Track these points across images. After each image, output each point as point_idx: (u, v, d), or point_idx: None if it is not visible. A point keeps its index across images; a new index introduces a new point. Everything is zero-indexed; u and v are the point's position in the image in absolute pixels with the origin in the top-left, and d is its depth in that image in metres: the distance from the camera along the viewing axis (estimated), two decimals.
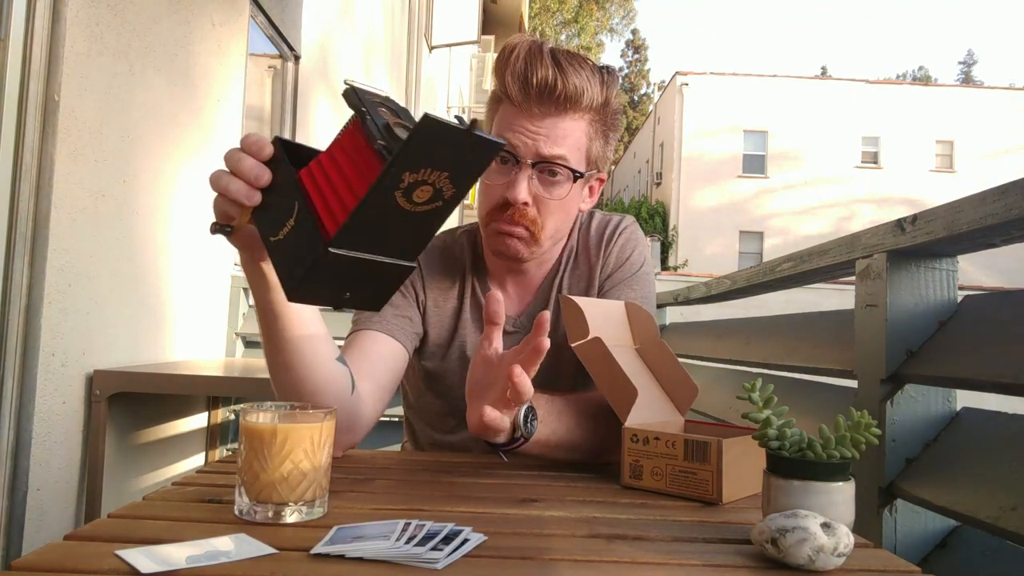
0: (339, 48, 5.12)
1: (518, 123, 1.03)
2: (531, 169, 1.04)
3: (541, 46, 1.04)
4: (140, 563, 0.55)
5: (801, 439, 0.71)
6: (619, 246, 1.19)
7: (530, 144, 1.03)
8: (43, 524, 1.98)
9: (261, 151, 0.72)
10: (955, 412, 1.12)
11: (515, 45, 1.04)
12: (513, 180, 1.04)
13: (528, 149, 1.03)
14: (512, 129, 1.04)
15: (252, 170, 0.72)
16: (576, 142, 1.05)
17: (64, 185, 1.97)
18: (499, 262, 1.16)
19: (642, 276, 1.18)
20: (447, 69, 11.47)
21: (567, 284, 1.18)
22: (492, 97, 1.10)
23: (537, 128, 1.03)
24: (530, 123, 1.03)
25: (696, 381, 1.01)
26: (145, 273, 2.46)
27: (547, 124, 1.03)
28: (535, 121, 1.03)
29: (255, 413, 0.70)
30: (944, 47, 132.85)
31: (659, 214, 23.57)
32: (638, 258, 1.19)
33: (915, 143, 22.78)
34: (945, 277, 1.15)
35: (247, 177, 0.72)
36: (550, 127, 1.03)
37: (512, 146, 1.03)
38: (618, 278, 1.17)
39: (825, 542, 0.60)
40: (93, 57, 2.08)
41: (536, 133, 1.03)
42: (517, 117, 1.04)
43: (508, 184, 1.04)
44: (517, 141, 1.03)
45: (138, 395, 2.36)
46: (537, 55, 1.03)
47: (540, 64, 1.02)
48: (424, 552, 0.59)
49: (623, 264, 1.18)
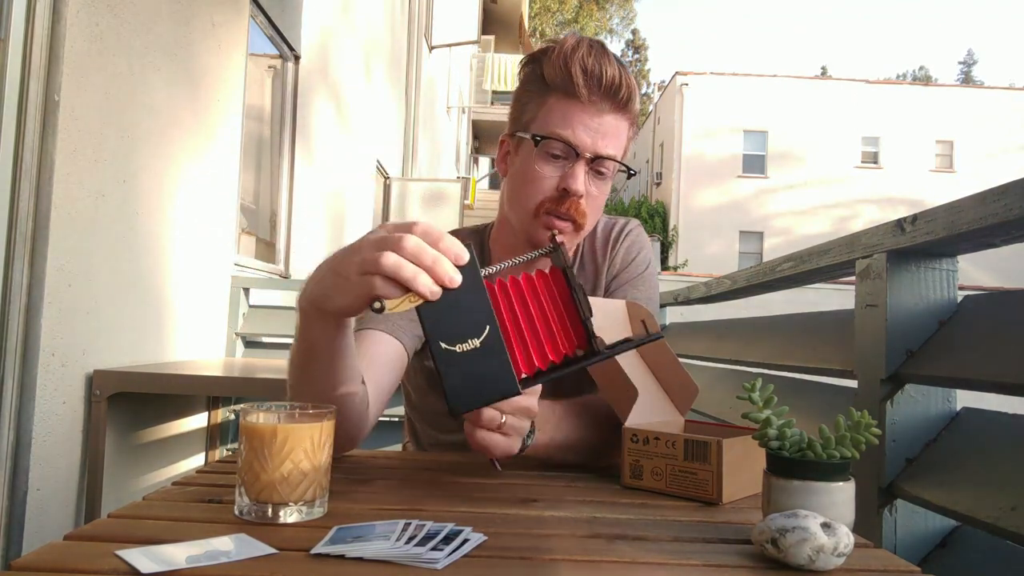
0: (339, 48, 5.12)
1: (579, 118, 1.04)
2: (587, 164, 1.06)
3: (603, 45, 1.06)
4: (140, 563, 0.55)
5: (801, 439, 0.71)
6: (625, 248, 1.20)
7: (590, 140, 1.05)
8: (43, 524, 1.98)
9: (459, 258, 0.69)
10: (955, 412, 1.12)
11: (579, 40, 1.06)
12: (573, 173, 1.05)
13: (588, 144, 1.05)
14: (572, 123, 1.04)
15: (448, 273, 0.68)
16: (623, 141, 1.09)
17: (64, 185, 1.97)
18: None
19: (647, 277, 1.20)
20: (447, 69, 11.47)
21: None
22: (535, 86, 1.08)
23: (599, 124, 1.05)
24: (592, 118, 1.04)
25: (696, 381, 1.01)
26: (145, 273, 2.46)
27: (607, 121, 1.05)
28: (597, 117, 1.05)
29: (255, 413, 0.70)
30: (944, 47, 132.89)
31: (659, 214, 23.57)
32: (643, 260, 1.20)
33: (915, 143, 22.77)
34: (945, 277, 1.15)
35: (440, 278, 0.68)
36: (608, 124, 1.05)
37: (573, 140, 1.04)
38: (623, 279, 1.19)
39: (825, 542, 0.60)
40: (93, 57, 2.08)
41: (597, 129, 1.05)
42: (578, 112, 1.05)
43: (566, 176, 1.05)
44: (579, 135, 1.04)
45: (138, 395, 2.36)
46: (604, 53, 1.05)
47: (608, 62, 1.04)
48: (424, 552, 0.59)
49: (628, 265, 1.19)
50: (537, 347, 0.73)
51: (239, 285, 3.24)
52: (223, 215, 3.13)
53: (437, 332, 0.69)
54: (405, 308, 0.68)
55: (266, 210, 4.06)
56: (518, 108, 1.11)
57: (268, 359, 3.23)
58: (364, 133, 6.04)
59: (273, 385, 2.20)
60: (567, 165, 1.05)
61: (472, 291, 0.70)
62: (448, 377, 0.69)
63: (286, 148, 4.12)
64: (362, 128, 5.94)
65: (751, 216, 22.98)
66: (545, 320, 0.74)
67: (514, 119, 1.12)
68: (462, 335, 0.69)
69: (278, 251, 4.10)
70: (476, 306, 0.70)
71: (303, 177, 4.32)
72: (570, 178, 1.04)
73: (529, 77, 1.10)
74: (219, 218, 3.09)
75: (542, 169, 1.06)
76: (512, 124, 1.13)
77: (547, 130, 1.05)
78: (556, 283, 0.75)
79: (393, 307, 0.68)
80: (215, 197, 3.04)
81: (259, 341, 3.38)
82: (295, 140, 4.16)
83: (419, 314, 0.69)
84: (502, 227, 1.19)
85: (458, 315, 0.70)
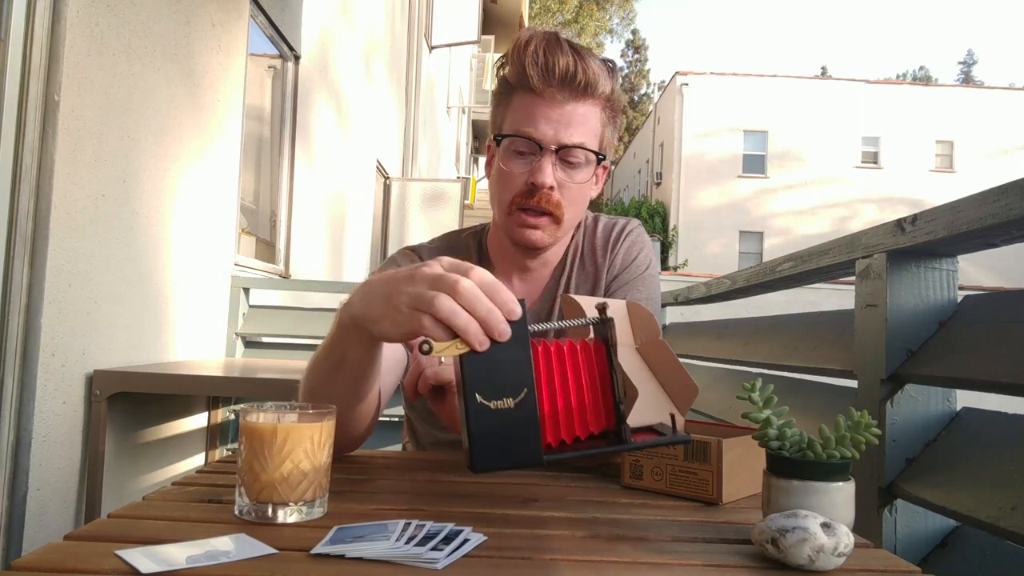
0: (339, 48, 5.12)
1: (539, 111, 1.05)
2: (554, 155, 1.06)
3: (557, 36, 1.06)
4: (140, 563, 0.55)
5: (801, 439, 0.71)
6: (625, 248, 1.20)
7: (552, 131, 1.05)
8: (43, 524, 1.98)
9: (512, 313, 0.69)
10: (955, 412, 1.12)
11: (531, 35, 1.06)
12: (539, 166, 1.05)
13: (551, 136, 1.05)
14: (533, 117, 1.05)
15: (499, 327, 0.67)
16: (592, 128, 1.08)
17: (64, 185, 1.97)
18: (506, 262, 1.18)
19: (647, 277, 1.20)
20: (447, 69, 11.47)
21: (574, 284, 1.19)
22: (502, 88, 1.11)
23: (560, 115, 1.05)
24: (552, 110, 1.05)
25: (696, 381, 1.01)
26: (145, 273, 2.46)
27: (568, 110, 1.05)
28: (557, 108, 1.05)
29: (255, 413, 0.70)
30: (944, 47, 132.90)
31: (659, 214, 23.57)
32: (644, 260, 1.20)
33: (915, 143, 22.77)
34: (945, 277, 1.15)
35: (491, 330, 0.67)
36: (571, 113, 1.05)
37: (535, 135, 1.05)
38: (624, 279, 1.18)
39: (825, 542, 0.60)
40: (93, 57, 2.08)
41: (559, 120, 1.05)
42: (538, 105, 1.05)
43: (533, 170, 1.06)
44: (540, 129, 1.05)
45: (138, 395, 2.36)
46: (556, 44, 1.05)
47: (560, 52, 1.04)
48: (424, 552, 0.59)
49: (629, 265, 1.19)
50: (566, 418, 0.73)
51: (239, 285, 3.24)
52: (223, 215, 3.13)
53: (474, 384, 0.69)
54: (451, 354, 0.68)
55: (266, 210, 4.06)
56: (492, 113, 1.13)
57: (268, 359, 3.23)
58: (364, 133, 6.04)
59: (273, 385, 2.20)
60: (534, 160, 1.06)
61: (517, 349, 0.69)
62: (475, 432, 0.69)
63: (286, 148, 4.12)
64: (362, 128, 5.94)
65: (751, 216, 22.98)
66: (580, 393, 0.74)
67: (493, 125, 1.14)
68: (498, 392, 0.69)
69: (278, 251, 4.10)
70: (518, 365, 0.69)
71: (303, 177, 4.32)
72: (536, 172, 1.05)
73: (499, 81, 1.11)
74: (219, 218, 3.09)
75: (510, 167, 1.08)
76: (491, 129, 1.15)
77: (512, 129, 1.07)
78: (597, 356, 0.75)
79: (440, 351, 0.68)
80: (215, 197, 3.04)
81: (259, 341, 3.38)
82: (295, 140, 4.16)
83: (461, 362, 0.69)
84: (494, 229, 1.21)
85: (499, 371, 0.69)
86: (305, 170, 4.37)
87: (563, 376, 0.73)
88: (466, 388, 0.68)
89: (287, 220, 4.14)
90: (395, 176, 7.34)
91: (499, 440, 0.68)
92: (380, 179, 6.92)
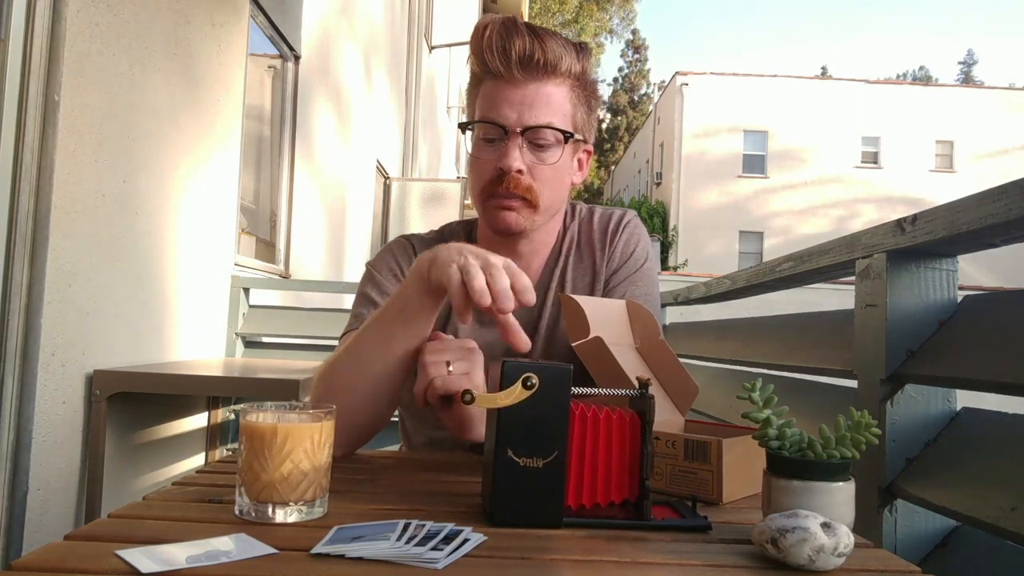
0: (339, 48, 5.12)
1: (501, 95, 1.05)
2: (520, 137, 1.05)
3: (514, 19, 1.06)
4: (140, 563, 0.55)
5: (801, 439, 0.71)
6: (624, 240, 1.19)
7: (515, 114, 1.04)
8: (43, 524, 1.98)
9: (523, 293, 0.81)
10: (955, 412, 1.12)
11: (488, 22, 1.06)
12: (505, 150, 1.05)
13: (515, 119, 1.04)
14: (496, 102, 1.05)
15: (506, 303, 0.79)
16: (560, 108, 1.07)
17: (64, 185, 1.97)
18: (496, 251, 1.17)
19: (646, 272, 1.18)
20: (447, 69, 11.47)
21: (571, 277, 1.18)
22: (472, 80, 1.11)
23: (522, 96, 1.04)
24: (513, 93, 1.04)
25: (696, 381, 1.01)
26: (145, 273, 2.46)
27: (531, 91, 1.05)
28: (518, 90, 1.04)
29: (255, 413, 0.70)
30: (944, 47, 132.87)
31: (659, 214, 23.57)
32: (642, 253, 1.19)
33: (915, 143, 22.77)
34: (945, 277, 1.15)
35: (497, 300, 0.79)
36: (534, 94, 1.05)
37: (498, 119, 1.05)
38: (623, 274, 1.17)
39: (825, 542, 0.60)
40: (93, 57, 2.08)
41: (521, 102, 1.04)
42: (500, 90, 1.05)
43: (500, 155, 1.05)
44: (503, 113, 1.04)
45: (138, 395, 2.36)
46: (512, 27, 1.04)
47: (517, 34, 1.03)
48: (424, 552, 0.59)
49: (628, 259, 1.18)
50: (591, 484, 0.74)
51: (239, 285, 3.24)
52: (223, 215, 3.13)
53: (508, 439, 0.70)
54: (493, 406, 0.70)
55: (266, 210, 4.06)
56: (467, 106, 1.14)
57: (268, 359, 3.23)
58: (364, 133, 6.04)
59: (273, 385, 2.20)
60: (501, 145, 1.06)
61: (556, 409, 0.70)
62: (500, 486, 0.69)
63: (286, 148, 4.12)
64: (362, 128, 5.94)
65: (751, 216, 22.98)
66: (608, 462, 0.74)
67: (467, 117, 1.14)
68: (530, 450, 0.69)
69: (278, 251, 4.10)
70: (554, 426, 0.70)
71: (303, 177, 4.32)
72: (503, 156, 1.05)
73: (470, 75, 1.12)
74: (219, 218, 3.09)
75: (479, 155, 1.08)
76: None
77: (477, 117, 1.07)
78: (631, 429, 0.75)
79: (482, 403, 0.70)
80: (215, 197, 3.04)
81: (259, 341, 3.38)
82: (295, 140, 4.16)
83: (498, 415, 0.70)
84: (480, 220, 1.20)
85: (534, 429, 0.70)
86: (305, 170, 4.37)
87: (595, 443, 0.74)
88: (499, 441, 0.69)
89: (287, 220, 4.14)
90: (395, 176, 7.34)
91: (523, 498, 0.70)
92: (380, 179, 6.92)
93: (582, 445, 0.73)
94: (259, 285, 3.41)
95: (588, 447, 0.74)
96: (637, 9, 41.85)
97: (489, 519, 0.70)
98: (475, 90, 1.10)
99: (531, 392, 0.69)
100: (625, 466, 0.75)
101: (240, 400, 3.03)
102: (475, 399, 0.70)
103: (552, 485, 0.70)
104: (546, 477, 0.69)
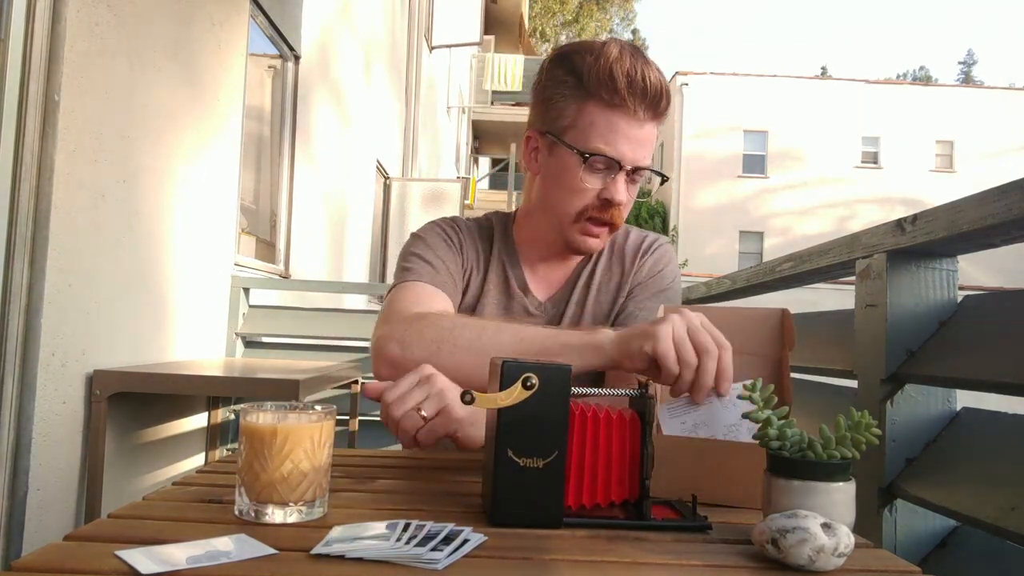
0: (339, 48, 5.12)
1: (623, 130, 1.04)
2: (627, 174, 1.07)
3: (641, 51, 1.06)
4: (140, 563, 0.55)
5: (801, 439, 0.71)
6: (654, 259, 1.21)
7: (631, 152, 1.05)
8: (43, 524, 1.98)
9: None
10: (955, 412, 1.12)
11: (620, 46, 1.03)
12: (616, 185, 1.06)
13: (630, 156, 1.05)
14: (615, 137, 1.04)
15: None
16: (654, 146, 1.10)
17: (64, 185, 1.97)
18: (534, 252, 1.20)
19: (671, 291, 1.21)
20: (447, 69, 11.47)
21: (598, 280, 1.20)
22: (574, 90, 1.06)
23: (639, 134, 1.05)
24: (633, 130, 1.04)
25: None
26: (145, 273, 2.46)
27: (646, 131, 1.06)
28: (637, 127, 1.05)
29: (255, 413, 0.70)
30: (944, 47, 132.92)
31: (659, 214, 23.55)
32: (670, 273, 1.22)
33: (915, 143, 22.76)
34: (945, 277, 1.15)
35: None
36: (648, 134, 1.06)
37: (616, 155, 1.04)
38: (649, 287, 1.19)
39: (825, 542, 0.60)
40: (93, 57, 2.08)
41: (638, 140, 1.05)
42: (619, 122, 1.04)
43: (608, 187, 1.06)
44: (620, 148, 1.04)
45: (138, 395, 2.36)
46: (646, 60, 1.04)
47: (650, 69, 1.03)
48: (424, 552, 0.59)
49: (655, 276, 1.20)
50: (591, 484, 0.74)
51: (239, 285, 3.24)
52: (223, 215, 3.13)
53: (509, 439, 0.70)
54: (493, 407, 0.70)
55: (266, 210, 4.05)
56: (553, 110, 1.08)
57: (268, 359, 3.23)
58: (364, 133, 6.04)
59: (273, 385, 2.20)
60: (608, 176, 1.06)
61: (556, 409, 0.70)
62: (500, 486, 0.70)
63: (286, 148, 4.12)
64: (362, 128, 5.94)
65: (751, 216, 22.97)
66: (608, 462, 0.75)
67: (547, 119, 1.10)
68: (531, 451, 0.70)
69: (278, 251, 4.10)
70: (554, 426, 0.70)
71: (303, 177, 4.31)
72: (613, 190, 1.06)
73: (561, 78, 1.07)
74: (219, 218, 3.09)
75: (586, 180, 1.07)
76: (542, 123, 1.11)
77: (591, 144, 1.04)
78: (632, 429, 0.75)
79: (482, 404, 0.71)
80: (215, 197, 3.03)
81: (259, 341, 3.38)
82: (295, 140, 4.16)
83: (498, 415, 0.70)
84: (529, 220, 1.20)
85: (534, 429, 0.70)
86: (305, 170, 4.37)
87: (595, 443, 0.74)
88: (499, 442, 0.70)
89: (287, 220, 4.14)
90: (395, 176, 7.34)
91: (523, 498, 0.70)
92: (380, 179, 6.92)
93: (582, 445, 0.74)
94: (259, 285, 3.41)
95: (588, 447, 0.74)
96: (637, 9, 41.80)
97: (489, 519, 0.70)
98: (578, 105, 1.06)
99: (531, 392, 0.69)
100: (625, 466, 0.75)
101: (240, 400, 3.03)
102: (475, 399, 0.70)
103: (552, 485, 0.70)
104: (546, 477, 0.70)
